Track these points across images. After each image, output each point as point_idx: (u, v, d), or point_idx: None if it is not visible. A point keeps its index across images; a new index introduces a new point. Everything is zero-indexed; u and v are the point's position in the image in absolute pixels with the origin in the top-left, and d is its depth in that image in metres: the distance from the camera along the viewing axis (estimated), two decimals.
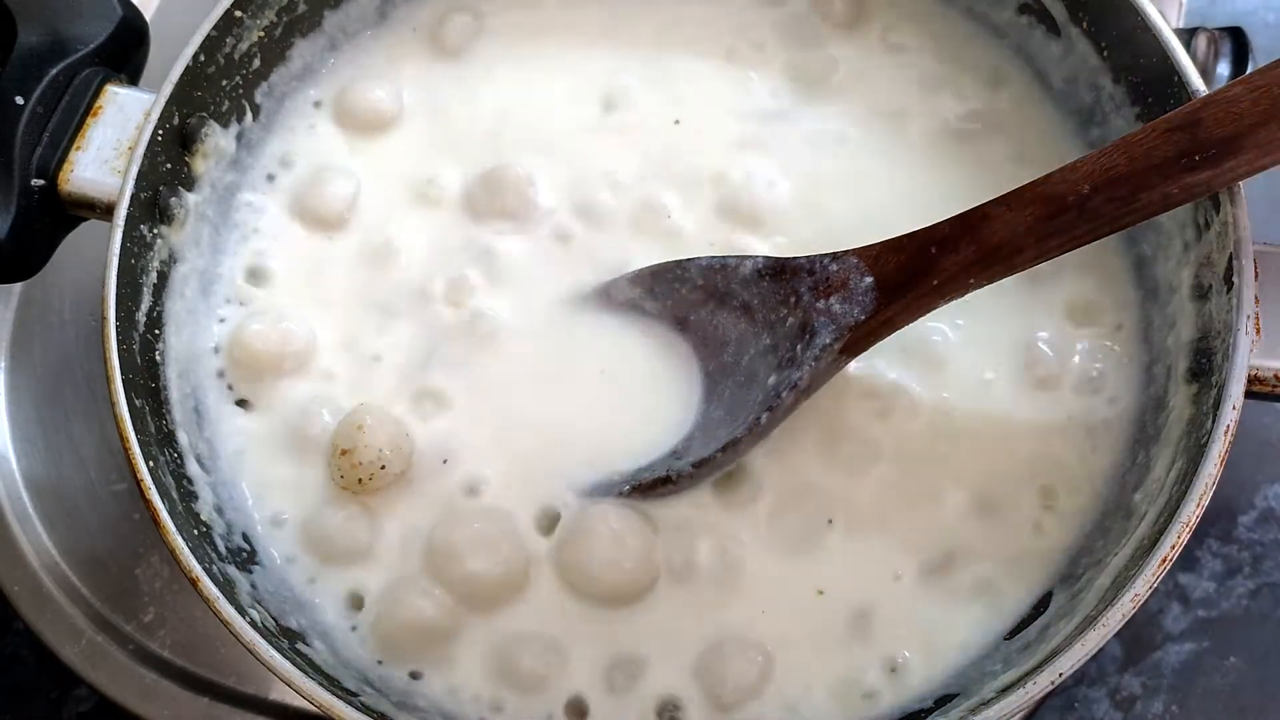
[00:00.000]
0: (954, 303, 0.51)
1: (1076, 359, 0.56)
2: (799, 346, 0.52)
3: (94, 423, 0.70)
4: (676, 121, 0.62)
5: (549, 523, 0.54)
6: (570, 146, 0.61)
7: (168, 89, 0.56)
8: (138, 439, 0.50)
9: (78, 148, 0.55)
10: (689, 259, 0.56)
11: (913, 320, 0.52)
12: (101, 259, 0.53)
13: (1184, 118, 0.47)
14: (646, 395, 0.56)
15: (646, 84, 0.62)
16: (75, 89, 0.55)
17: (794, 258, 0.53)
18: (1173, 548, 0.47)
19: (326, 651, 0.52)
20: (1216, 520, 0.64)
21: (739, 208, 0.59)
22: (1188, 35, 0.62)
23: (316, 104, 0.64)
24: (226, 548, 0.53)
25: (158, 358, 0.55)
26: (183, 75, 0.56)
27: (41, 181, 0.54)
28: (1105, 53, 0.58)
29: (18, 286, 0.73)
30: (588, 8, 0.65)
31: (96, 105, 0.56)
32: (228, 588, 0.49)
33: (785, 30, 0.63)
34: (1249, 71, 0.53)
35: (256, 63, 0.61)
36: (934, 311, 0.52)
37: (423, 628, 0.52)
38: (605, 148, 0.61)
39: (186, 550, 0.49)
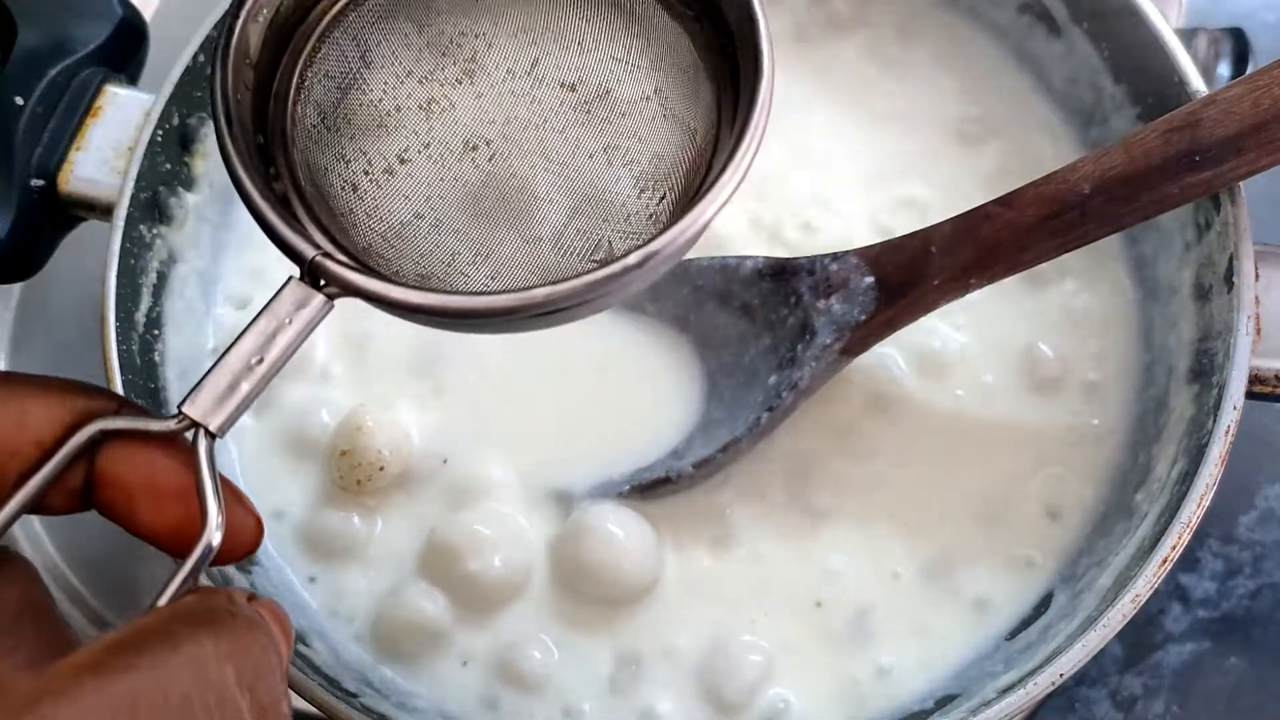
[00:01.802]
0: (954, 303, 0.51)
1: (1077, 360, 0.56)
2: (799, 346, 0.52)
3: None
4: None
5: (549, 523, 0.54)
6: None
7: (168, 89, 0.56)
8: None
9: (77, 148, 0.55)
10: (689, 259, 0.56)
11: (913, 320, 0.52)
12: (101, 259, 0.53)
13: (1184, 118, 0.47)
14: (647, 395, 0.56)
15: None
16: (75, 89, 0.55)
17: (794, 258, 0.53)
18: (1173, 548, 0.47)
19: (326, 652, 0.52)
20: (1217, 520, 0.64)
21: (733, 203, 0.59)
22: (1188, 35, 0.62)
23: None
24: None
25: (157, 358, 0.55)
26: (183, 75, 0.56)
27: (41, 182, 0.54)
28: (1105, 53, 0.58)
29: (17, 286, 0.73)
30: None
31: (96, 105, 0.56)
32: (227, 588, 0.49)
33: (785, 30, 0.63)
34: (1249, 71, 0.53)
35: None
36: (934, 312, 0.52)
37: (423, 628, 0.52)
38: None
39: None
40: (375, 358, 0.58)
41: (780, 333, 0.53)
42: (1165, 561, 0.46)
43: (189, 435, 0.34)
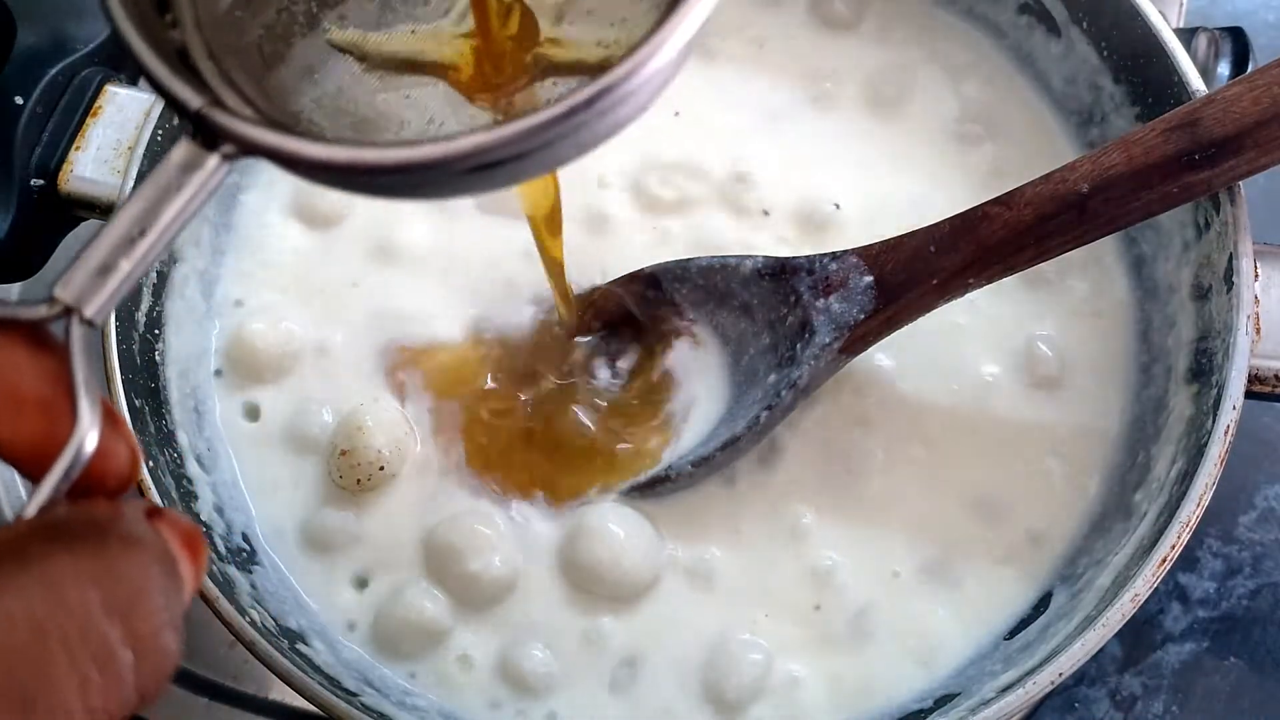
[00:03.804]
0: (954, 302, 0.51)
1: (1076, 359, 0.56)
2: (798, 345, 0.52)
3: None
4: (676, 114, 0.61)
5: (549, 522, 0.54)
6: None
7: None
8: (138, 439, 0.50)
9: (77, 148, 0.55)
10: (689, 259, 0.56)
11: (912, 320, 0.52)
12: None
13: (1183, 117, 0.47)
14: None
15: None
16: (75, 89, 0.55)
17: (793, 257, 0.53)
18: (1172, 547, 0.47)
19: (326, 651, 0.52)
20: (1217, 520, 0.64)
21: (735, 202, 0.59)
22: (1188, 35, 0.62)
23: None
24: (226, 548, 0.53)
25: (157, 358, 0.55)
26: None
27: (41, 181, 0.54)
28: (1105, 53, 0.58)
29: (17, 286, 0.73)
30: None
31: (96, 105, 0.56)
32: (228, 588, 0.49)
33: (785, 30, 0.63)
34: (1249, 71, 0.53)
35: None
36: (933, 311, 0.52)
37: (423, 628, 0.52)
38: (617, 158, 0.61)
39: None
40: (377, 357, 0.58)
41: (779, 331, 0.53)
42: (1164, 561, 0.46)
43: (62, 331, 0.29)
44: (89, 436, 0.28)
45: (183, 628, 0.28)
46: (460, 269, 0.59)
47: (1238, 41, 0.61)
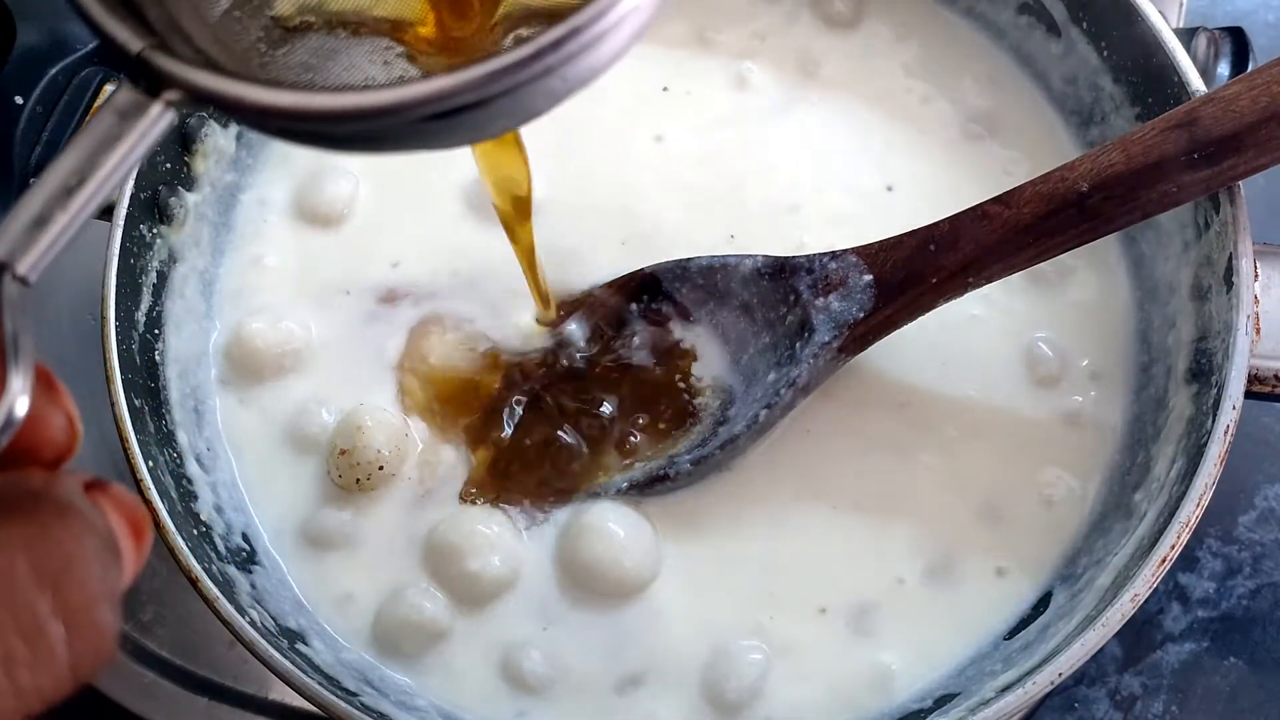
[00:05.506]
0: (954, 301, 0.51)
1: (1076, 359, 0.56)
2: (798, 344, 0.52)
3: (93, 423, 0.69)
4: (665, 89, 0.62)
5: (549, 521, 0.54)
6: (567, 139, 0.61)
7: None
8: (137, 439, 0.50)
9: None
10: (689, 259, 0.56)
11: (911, 319, 0.52)
12: (101, 259, 0.53)
13: (1183, 116, 0.47)
14: None
15: (640, 71, 0.62)
16: (75, 89, 0.56)
17: (793, 256, 0.53)
18: (1172, 547, 0.47)
19: (326, 651, 0.52)
20: (1217, 520, 0.64)
21: (732, 198, 0.59)
22: (1188, 35, 0.62)
23: None
24: (226, 547, 0.53)
25: (157, 358, 0.55)
26: None
27: None
28: (1105, 53, 0.58)
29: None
30: None
31: (96, 105, 0.56)
32: (227, 588, 0.49)
33: (785, 29, 0.63)
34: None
35: None
36: (934, 310, 0.52)
37: (423, 627, 0.52)
38: (600, 135, 0.61)
39: (186, 550, 0.49)
40: (376, 357, 0.58)
41: (779, 331, 0.53)
42: (1164, 561, 0.46)
43: None
44: (19, 402, 0.26)
45: (120, 606, 0.26)
46: (461, 274, 0.59)
47: (1238, 41, 0.61)
